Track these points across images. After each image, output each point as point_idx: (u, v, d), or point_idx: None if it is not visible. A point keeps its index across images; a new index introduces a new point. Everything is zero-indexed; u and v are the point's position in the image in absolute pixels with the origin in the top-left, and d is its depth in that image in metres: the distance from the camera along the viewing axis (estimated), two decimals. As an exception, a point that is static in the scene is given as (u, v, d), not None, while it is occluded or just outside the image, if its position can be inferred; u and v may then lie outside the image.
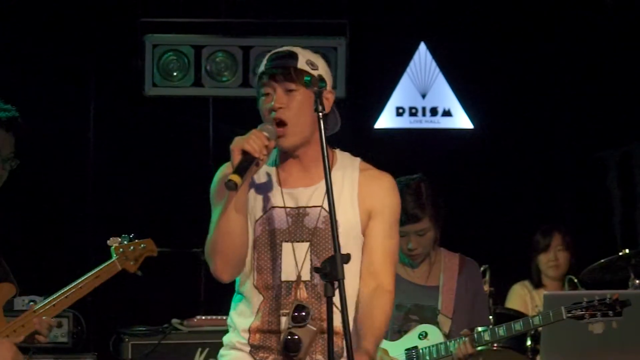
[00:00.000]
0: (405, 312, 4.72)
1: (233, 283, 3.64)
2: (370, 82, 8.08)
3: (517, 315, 5.98)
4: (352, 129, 7.97)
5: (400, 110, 8.15)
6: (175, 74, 7.54)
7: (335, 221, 3.23)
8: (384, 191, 3.57)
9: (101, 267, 4.45)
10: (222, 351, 3.62)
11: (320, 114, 3.29)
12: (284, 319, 3.46)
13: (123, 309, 7.14)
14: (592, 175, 8.10)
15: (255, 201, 3.50)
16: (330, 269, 3.19)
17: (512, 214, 7.77)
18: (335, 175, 3.48)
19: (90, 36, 7.57)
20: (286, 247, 3.48)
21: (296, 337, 3.41)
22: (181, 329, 6.21)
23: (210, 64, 7.55)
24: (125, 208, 7.64)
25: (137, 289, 7.32)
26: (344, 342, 3.20)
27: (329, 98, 3.47)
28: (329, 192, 3.25)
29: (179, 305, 6.72)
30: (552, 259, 6.86)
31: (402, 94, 8.15)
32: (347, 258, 3.21)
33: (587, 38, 7.85)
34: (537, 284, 6.88)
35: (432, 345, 4.64)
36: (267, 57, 3.54)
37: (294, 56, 3.49)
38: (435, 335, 4.66)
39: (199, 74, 7.56)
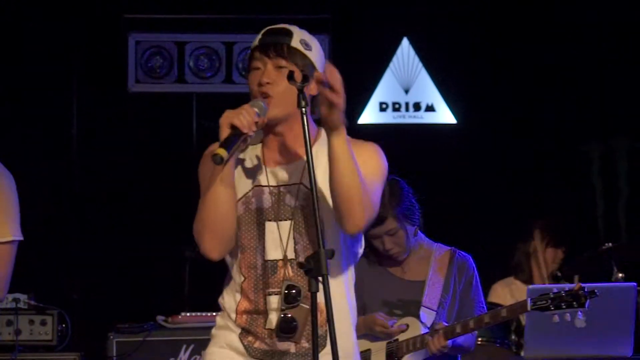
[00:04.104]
0: (390, 307, 4.70)
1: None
2: (353, 77, 7.99)
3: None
4: (335, 125, 7.97)
5: (384, 106, 8.14)
6: (158, 70, 7.54)
7: (318, 208, 3.22)
8: (366, 154, 3.64)
9: None
10: (213, 330, 3.57)
11: (304, 109, 3.31)
12: (270, 299, 3.43)
13: (108, 306, 7.13)
14: (575, 168, 8.12)
15: (240, 180, 3.47)
16: (314, 265, 3.18)
17: (495, 208, 7.77)
18: (317, 150, 3.47)
19: (73, 32, 7.55)
20: (269, 225, 3.45)
21: (289, 316, 3.39)
22: (166, 326, 6.21)
23: (194, 60, 7.55)
24: (108, 204, 7.63)
25: (121, 287, 7.34)
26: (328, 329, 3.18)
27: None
28: (310, 174, 3.23)
29: (163, 303, 6.71)
30: (540, 261, 6.83)
31: (385, 90, 8.15)
32: (331, 253, 3.20)
33: (570, 31, 7.86)
34: (528, 281, 6.86)
35: (410, 338, 4.62)
36: (261, 32, 3.51)
37: (288, 34, 3.49)
38: (415, 328, 4.63)
39: (182, 70, 7.56)
